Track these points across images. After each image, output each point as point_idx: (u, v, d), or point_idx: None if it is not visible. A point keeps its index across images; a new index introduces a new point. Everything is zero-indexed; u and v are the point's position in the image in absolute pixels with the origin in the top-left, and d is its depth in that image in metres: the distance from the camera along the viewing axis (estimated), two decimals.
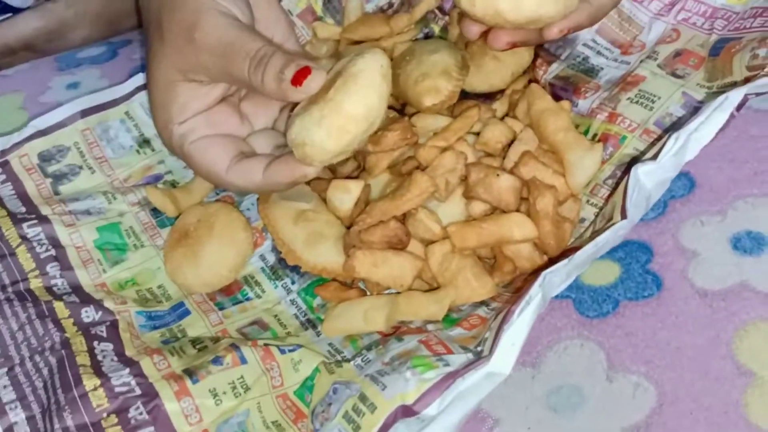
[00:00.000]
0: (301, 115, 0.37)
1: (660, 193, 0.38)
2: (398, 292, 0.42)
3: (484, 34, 0.42)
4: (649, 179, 0.36)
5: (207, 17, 0.40)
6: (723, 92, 0.41)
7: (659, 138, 0.41)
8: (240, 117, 0.44)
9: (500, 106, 0.48)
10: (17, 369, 0.40)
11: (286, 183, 0.40)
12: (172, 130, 0.42)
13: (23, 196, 0.50)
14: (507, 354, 0.33)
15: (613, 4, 0.43)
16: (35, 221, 0.48)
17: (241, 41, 0.39)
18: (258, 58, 0.38)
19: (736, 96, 0.36)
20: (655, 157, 0.36)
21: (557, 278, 0.35)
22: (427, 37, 0.55)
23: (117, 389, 0.37)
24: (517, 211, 0.41)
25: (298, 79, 0.37)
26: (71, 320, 0.43)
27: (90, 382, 0.38)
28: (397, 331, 0.40)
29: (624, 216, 0.36)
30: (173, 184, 0.51)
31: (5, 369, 0.40)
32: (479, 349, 0.35)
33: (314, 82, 0.37)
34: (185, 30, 0.40)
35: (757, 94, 0.38)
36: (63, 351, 0.40)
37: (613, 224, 0.36)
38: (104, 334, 0.42)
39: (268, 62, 0.38)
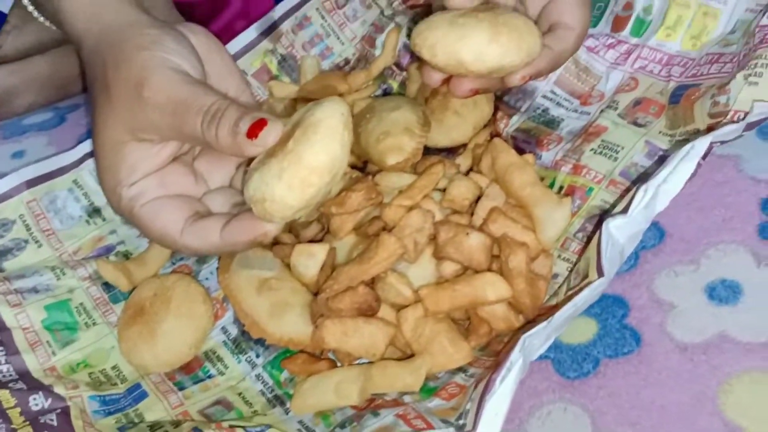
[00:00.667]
0: (259, 170, 0.35)
1: (633, 246, 0.37)
2: (370, 362, 0.40)
3: (446, 81, 0.41)
4: (621, 233, 0.35)
5: (156, 74, 0.38)
6: (687, 140, 0.41)
7: (628, 190, 0.41)
8: (194, 176, 0.42)
9: (464, 160, 0.47)
10: None
11: (245, 242, 0.38)
12: (120, 193, 0.40)
13: None
14: (491, 425, 0.31)
15: (573, 50, 0.43)
16: None
17: (193, 96, 0.37)
18: (211, 112, 0.37)
19: (701, 145, 0.36)
20: (625, 210, 0.35)
21: (537, 341, 0.34)
22: (386, 93, 0.54)
23: None
24: (489, 269, 0.40)
25: (254, 131, 0.35)
26: (18, 410, 0.39)
27: None
28: (371, 405, 0.38)
29: (601, 273, 0.35)
30: (126, 255, 0.49)
31: None
32: (461, 422, 0.33)
33: (271, 134, 0.35)
34: (133, 88, 0.38)
35: (722, 142, 0.38)
36: None
37: (590, 282, 0.35)
38: (54, 423, 0.39)
39: (222, 116, 0.36)
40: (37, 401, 0.40)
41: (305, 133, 0.34)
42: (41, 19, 0.47)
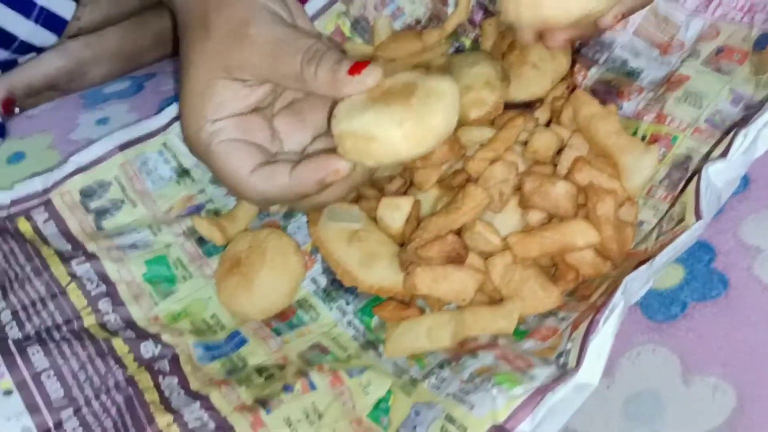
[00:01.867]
0: (373, 108, 0.36)
1: (731, 191, 0.38)
2: (458, 307, 0.42)
3: (539, 36, 0.42)
4: (720, 178, 0.36)
5: (260, 15, 0.40)
6: None
7: (721, 139, 0.41)
8: (271, 132, 0.43)
9: (542, 113, 0.48)
10: (84, 410, 0.39)
11: (316, 180, 0.39)
12: (203, 126, 0.41)
13: (67, 234, 0.50)
14: (594, 364, 0.32)
15: None
16: (83, 258, 0.48)
17: (293, 37, 0.39)
18: (312, 52, 0.38)
19: None
20: (724, 154, 0.36)
21: (637, 284, 0.35)
22: (458, 50, 0.55)
23: (191, 425, 0.37)
24: (575, 217, 0.41)
25: (356, 69, 0.37)
26: (132, 356, 0.42)
27: (163, 419, 0.37)
28: (466, 348, 0.39)
29: (699, 217, 0.35)
30: (215, 213, 0.51)
31: (71, 410, 0.40)
32: (562, 361, 0.34)
33: (371, 75, 0.37)
34: (236, 26, 0.40)
35: None
36: (129, 388, 0.39)
37: (688, 226, 0.35)
38: (167, 369, 0.42)
39: (322, 57, 0.38)
40: (148, 348, 0.43)
41: (430, 96, 0.36)
42: None
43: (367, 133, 0.36)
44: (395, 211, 0.44)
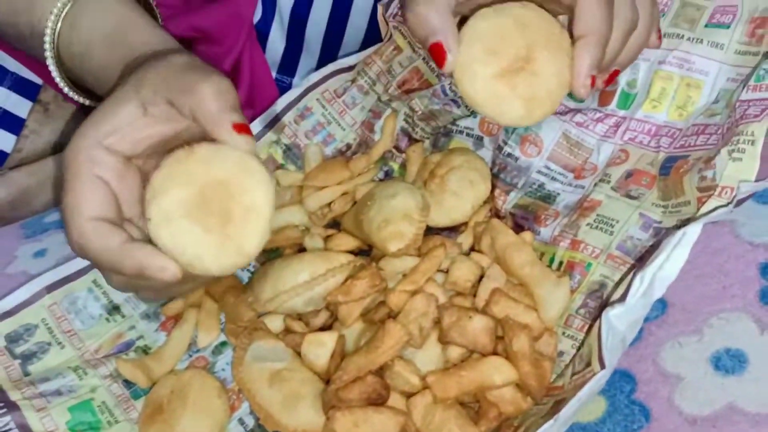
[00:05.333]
0: (191, 231, 0.37)
1: (634, 333, 0.38)
2: None
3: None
4: (621, 321, 0.36)
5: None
6: (678, 211, 0.42)
7: (629, 270, 0.41)
8: (139, 196, 0.40)
9: (465, 238, 0.48)
10: None
11: (137, 266, 0.37)
12: (91, 145, 0.39)
13: None
14: None
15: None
16: (4, 410, 0.46)
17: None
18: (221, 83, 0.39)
19: (694, 231, 0.37)
20: (623, 298, 0.36)
21: None
22: (387, 174, 0.56)
23: None
24: (495, 351, 0.41)
25: (242, 129, 0.38)
26: None
27: None
28: None
29: (602, 365, 0.35)
30: (145, 351, 0.50)
31: None
32: None
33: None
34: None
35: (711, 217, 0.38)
36: None
37: (594, 374, 0.35)
38: None
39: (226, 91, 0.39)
40: None
41: (249, 215, 0.37)
42: (76, 97, 0.49)
43: (183, 255, 0.36)
44: (320, 348, 0.44)
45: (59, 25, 0.47)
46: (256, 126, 0.56)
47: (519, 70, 0.37)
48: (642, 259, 0.41)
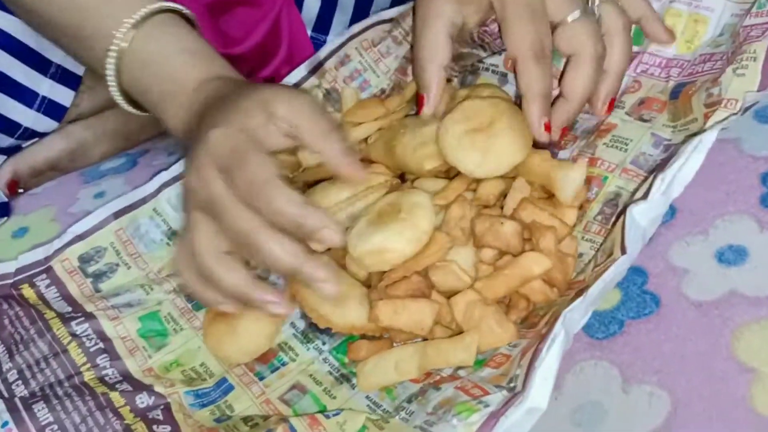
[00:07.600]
0: (378, 230, 0.46)
1: (654, 228, 0.42)
2: (423, 339, 0.46)
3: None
4: (643, 217, 0.41)
5: None
6: (687, 129, 0.47)
7: (645, 179, 0.46)
8: None
9: None
10: None
11: (249, 297, 0.44)
12: None
13: (68, 297, 0.54)
14: (542, 389, 0.36)
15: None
16: (82, 318, 0.52)
17: None
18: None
19: (709, 138, 0.41)
20: (645, 196, 0.41)
21: (577, 315, 0.39)
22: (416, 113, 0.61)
23: None
24: (523, 251, 0.46)
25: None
26: (128, 407, 0.46)
27: None
28: (432, 380, 0.43)
29: (624, 252, 0.40)
30: None
31: None
32: (512, 385, 0.38)
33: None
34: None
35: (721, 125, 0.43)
36: None
37: (615, 260, 0.40)
38: (161, 417, 0.45)
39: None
40: (143, 399, 0.46)
41: (413, 208, 0.46)
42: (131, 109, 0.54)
43: (381, 249, 0.45)
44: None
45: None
46: (301, 71, 0.61)
47: (481, 131, 0.48)
48: (653, 171, 0.45)
